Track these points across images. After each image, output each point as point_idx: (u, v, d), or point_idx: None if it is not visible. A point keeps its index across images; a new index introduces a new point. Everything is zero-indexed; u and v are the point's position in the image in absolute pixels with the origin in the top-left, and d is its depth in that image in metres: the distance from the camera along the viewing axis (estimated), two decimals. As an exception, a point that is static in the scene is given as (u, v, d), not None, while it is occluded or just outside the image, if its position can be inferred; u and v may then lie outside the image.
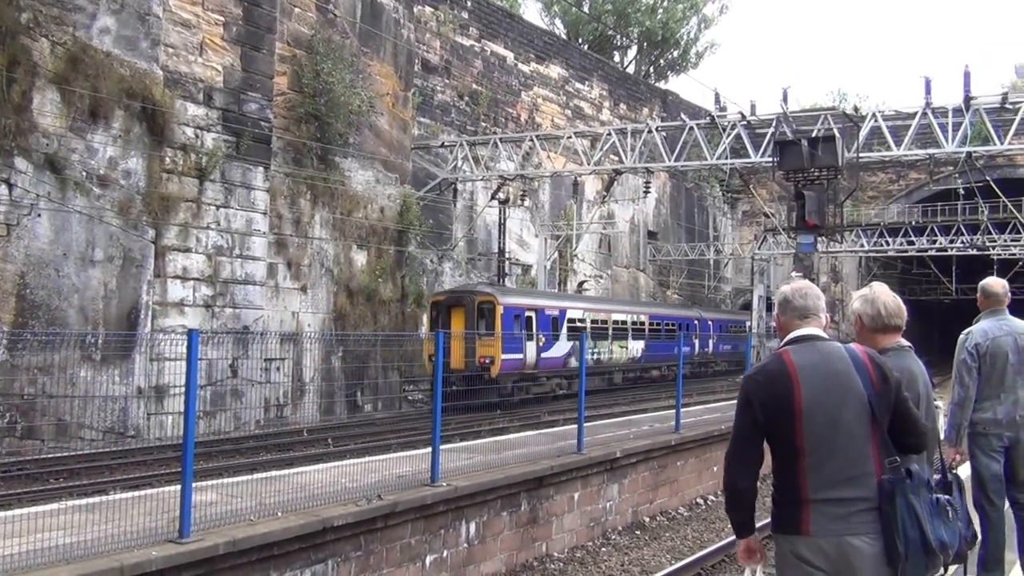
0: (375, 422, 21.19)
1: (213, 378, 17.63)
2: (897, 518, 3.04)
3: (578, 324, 28.69)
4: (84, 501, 7.94)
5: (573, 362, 27.46)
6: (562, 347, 27.72)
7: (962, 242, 40.63)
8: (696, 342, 37.98)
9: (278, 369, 20.18)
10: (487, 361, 23.05)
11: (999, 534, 5.84)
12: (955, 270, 45.63)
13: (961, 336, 5.98)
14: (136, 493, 8.29)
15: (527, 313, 25.96)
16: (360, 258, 23.63)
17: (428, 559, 8.87)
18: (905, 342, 3.93)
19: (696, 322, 39.47)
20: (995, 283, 6.12)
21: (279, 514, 7.46)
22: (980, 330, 5.91)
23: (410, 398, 26.14)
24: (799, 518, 3.20)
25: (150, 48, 17.53)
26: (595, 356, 29.96)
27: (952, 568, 5.66)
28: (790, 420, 3.22)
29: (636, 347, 32.57)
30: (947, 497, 3.20)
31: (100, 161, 16.54)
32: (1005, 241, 39.45)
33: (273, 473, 9.80)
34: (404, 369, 25.62)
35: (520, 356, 24.81)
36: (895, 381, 3.24)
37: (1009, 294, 6.10)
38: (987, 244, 39.71)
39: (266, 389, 19.84)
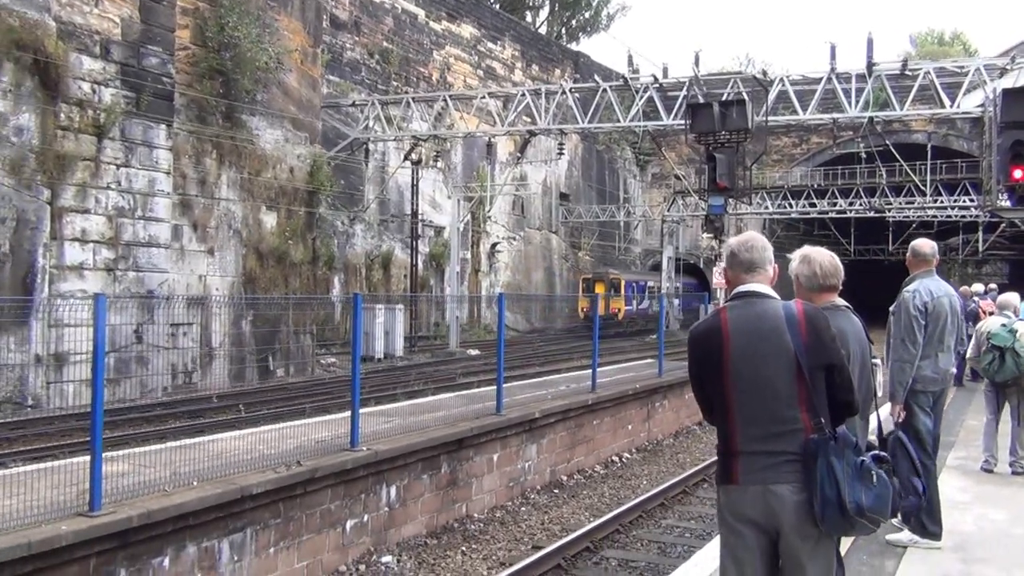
0: (287, 387, 20.83)
1: (117, 344, 16.94)
2: (816, 478, 3.10)
3: (650, 289, 47.02)
4: (-17, 475, 7.55)
5: (649, 312, 45.09)
6: (644, 304, 45.90)
7: (860, 205, 42.15)
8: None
9: (185, 334, 19.58)
10: (617, 311, 41.70)
11: (936, 487, 6.12)
12: (853, 231, 47.40)
13: (906, 295, 6.12)
14: (41, 465, 7.92)
15: (632, 284, 45.09)
16: (269, 220, 23.01)
17: (348, 524, 8.78)
18: (841, 301, 4.00)
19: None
20: (925, 244, 6.30)
21: (194, 483, 7.24)
22: (926, 289, 6.09)
23: (322, 362, 25.80)
24: (731, 468, 3.31)
25: (41, -3, 16.52)
26: (654, 309, 45.49)
27: (896, 522, 5.92)
28: (720, 376, 3.31)
29: (676, 303, 47.10)
30: (875, 457, 3.25)
31: (-12, 117, 15.59)
32: (900, 204, 41.13)
33: (186, 441, 9.50)
34: (317, 333, 25.27)
35: (631, 307, 43.15)
36: (830, 338, 3.27)
37: (937, 255, 6.30)
38: (884, 207, 41.31)
39: (173, 355, 19.25)
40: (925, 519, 5.97)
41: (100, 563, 6.18)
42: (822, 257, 4.02)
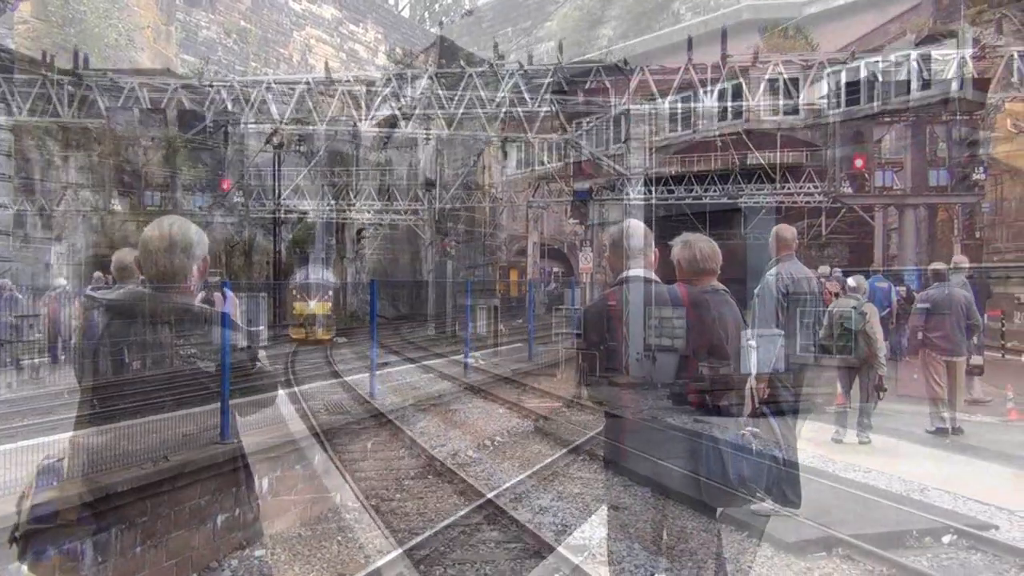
0: (146, 380, 19.89)
1: (-47, 339, 15.82)
2: (702, 452, 3.25)
3: (554, 273, 50.22)
4: None
5: (554, 293, 45.98)
6: (552, 286, 47.74)
7: (715, 191, 43.92)
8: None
9: (31, 327, 18.42)
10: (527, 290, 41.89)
11: (796, 458, 6.47)
12: (708, 216, 49.38)
13: (769, 278, 6.46)
14: None
15: (542, 269, 45.34)
16: (122, 205, 21.91)
17: (220, 519, 8.52)
18: (719, 285, 4.18)
19: None
20: (787, 230, 6.68)
21: (53, 483, 6.84)
22: (787, 272, 6.43)
23: (182, 353, 24.78)
24: (621, 444, 3.43)
25: None
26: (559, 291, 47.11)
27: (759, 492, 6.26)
28: (614, 354, 3.37)
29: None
30: (752, 431, 3.43)
31: None
32: (751, 190, 43.13)
33: (41, 440, 8.96)
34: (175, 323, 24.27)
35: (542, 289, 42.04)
36: (711, 319, 3.43)
37: (797, 240, 6.67)
38: (737, 193, 43.22)
39: (18, 348, 18.09)
40: (786, 488, 6.32)
41: (-50, 573, 5.77)
42: (701, 242, 4.20)
